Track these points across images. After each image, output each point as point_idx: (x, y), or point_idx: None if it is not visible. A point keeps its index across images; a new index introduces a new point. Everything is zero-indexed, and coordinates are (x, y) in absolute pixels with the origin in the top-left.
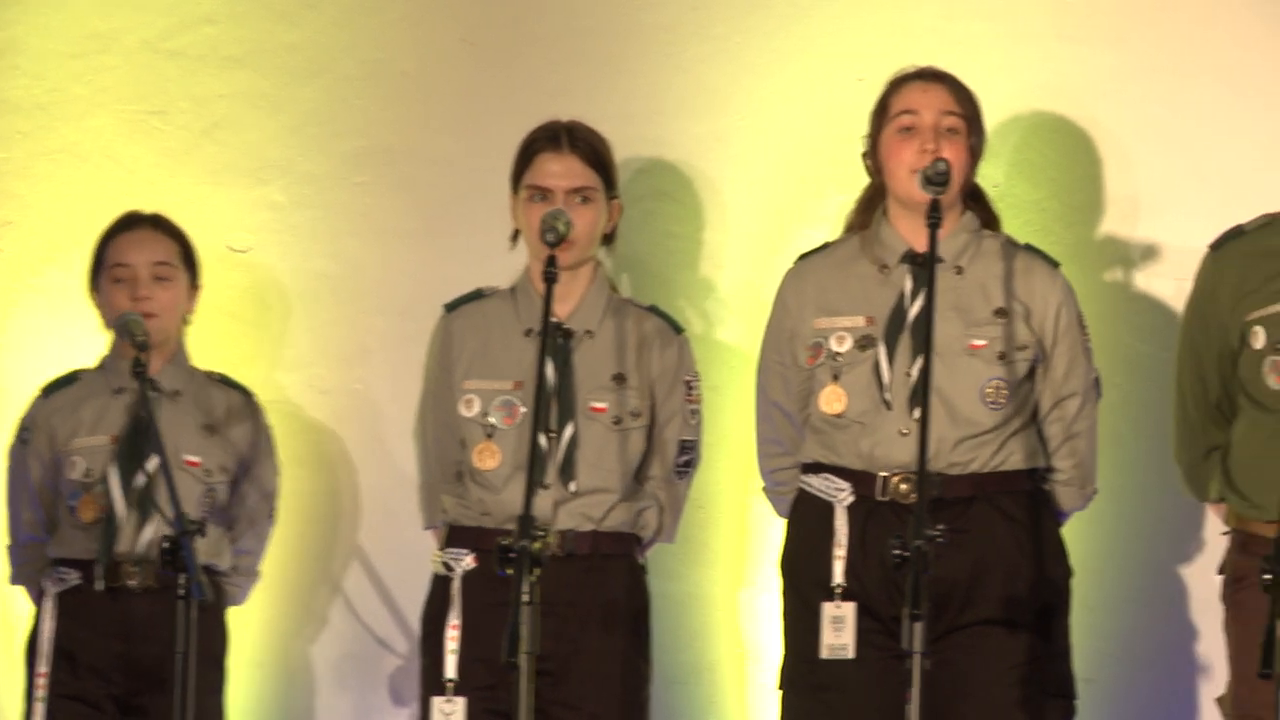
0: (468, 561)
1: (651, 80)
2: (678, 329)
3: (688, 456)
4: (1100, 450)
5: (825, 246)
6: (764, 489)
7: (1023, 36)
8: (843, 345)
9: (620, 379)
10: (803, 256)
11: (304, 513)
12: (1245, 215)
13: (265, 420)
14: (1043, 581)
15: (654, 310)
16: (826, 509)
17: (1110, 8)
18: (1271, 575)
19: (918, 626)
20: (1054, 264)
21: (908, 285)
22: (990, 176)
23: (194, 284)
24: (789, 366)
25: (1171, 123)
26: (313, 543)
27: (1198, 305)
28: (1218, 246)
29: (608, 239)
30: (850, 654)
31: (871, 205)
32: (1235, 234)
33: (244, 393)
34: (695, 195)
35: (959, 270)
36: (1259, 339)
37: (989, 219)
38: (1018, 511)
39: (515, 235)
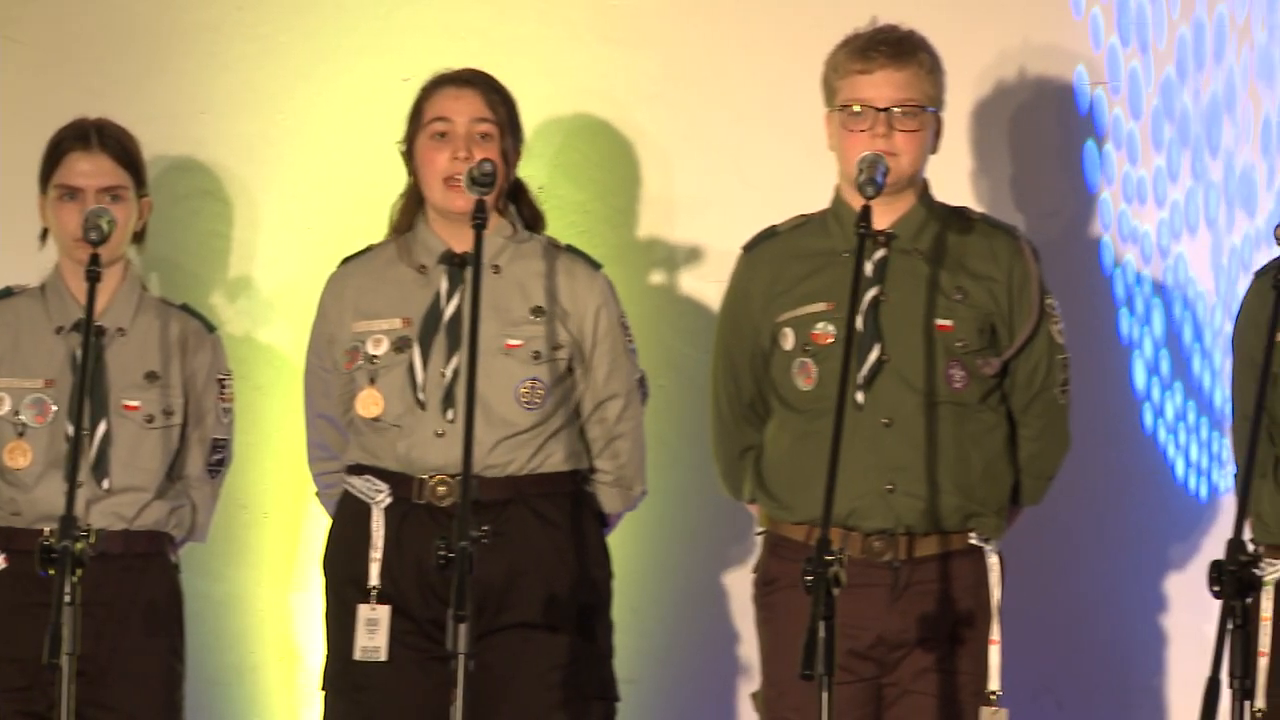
0: None
1: (196, 79)
2: (210, 327)
3: (220, 455)
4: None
5: (369, 249)
6: (315, 493)
7: (568, 38)
8: (379, 348)
9: (153, 377)
10: (345, 260)
11: None
12: (786, 217)
13: None
14: (582, 583)
15: (186, 309)
16: (366, 510)
17: (653, 11)
18: (813, 577)
19: (462, 628)
20: (595, 266)
21: (444, 285)
22: (534, 178)
23: None
24: (330, 371)
25: (713, 125)
26: None
27: (731, 306)
28: (751, 247)
29: (138, 237)
30: (383, 656)
31: (413, 207)
32: (769, 235)
33: None
34: (240, 194)
35: (496, 270)
36: (789, 340)
37: (533, 219)
38: (556, 514)
39: (44, 234)
